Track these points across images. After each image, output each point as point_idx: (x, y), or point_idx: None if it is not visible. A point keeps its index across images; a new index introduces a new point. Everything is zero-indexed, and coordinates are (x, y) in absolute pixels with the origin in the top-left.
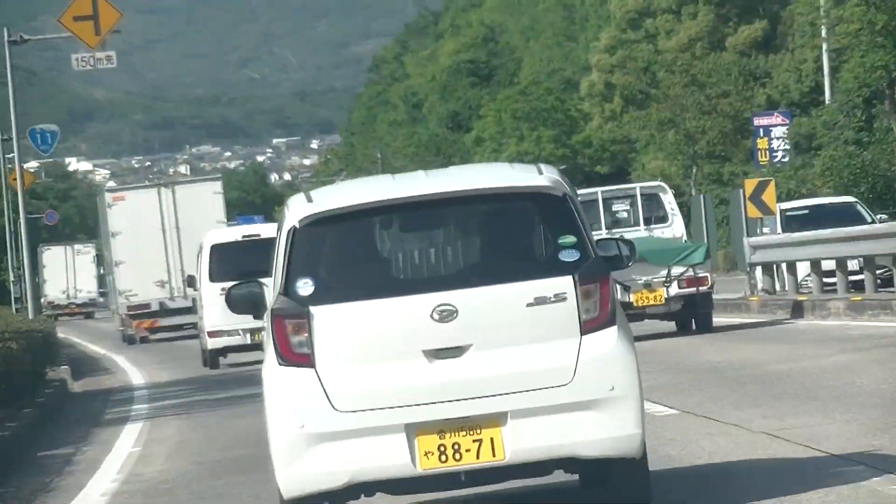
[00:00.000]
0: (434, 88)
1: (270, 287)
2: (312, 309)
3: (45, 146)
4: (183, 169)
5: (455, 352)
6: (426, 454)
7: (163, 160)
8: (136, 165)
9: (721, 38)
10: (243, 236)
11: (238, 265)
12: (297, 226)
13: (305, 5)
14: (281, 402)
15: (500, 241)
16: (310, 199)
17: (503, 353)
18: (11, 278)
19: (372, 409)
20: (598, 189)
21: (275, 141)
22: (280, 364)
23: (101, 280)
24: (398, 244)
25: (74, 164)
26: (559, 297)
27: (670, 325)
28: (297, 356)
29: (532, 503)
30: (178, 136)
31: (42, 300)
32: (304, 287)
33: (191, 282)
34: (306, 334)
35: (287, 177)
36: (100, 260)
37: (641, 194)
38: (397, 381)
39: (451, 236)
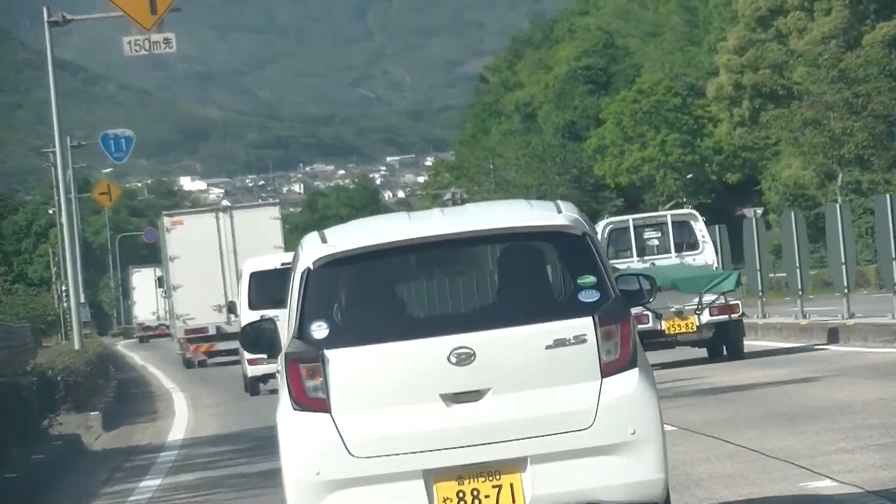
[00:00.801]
0: (549, 97)
1: (284, 323)
2: (327, 352)
3: (119, 153)
4: (297, 187)
5: (473, 395)
6: (445, 500)
7: (276, 179)
8: (250, 184)
9: (857, 36)
10: (282, 264)
11: (276, 293)
12: (312, 267)
13: (419, 24)
14: (296, 448)
15: (518, 282)
16: (324, 240)
17: (522, 396)
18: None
19: (389, 455)
20: (630, 217)
21: (388, 159)
22: (294, 409)
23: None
24: (414, 285)
25: (188, 183)
26: (579, 339)
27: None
28: (312, 401)
29: None
30: (292, 154)
31: (133, 322)
32: (319, 330)
33: (231, 308)
34: (321, 378)
35: (401, 194)
36: (160, 283)
37: (672, 222)
38: (414, 426)
39: (468, 277)
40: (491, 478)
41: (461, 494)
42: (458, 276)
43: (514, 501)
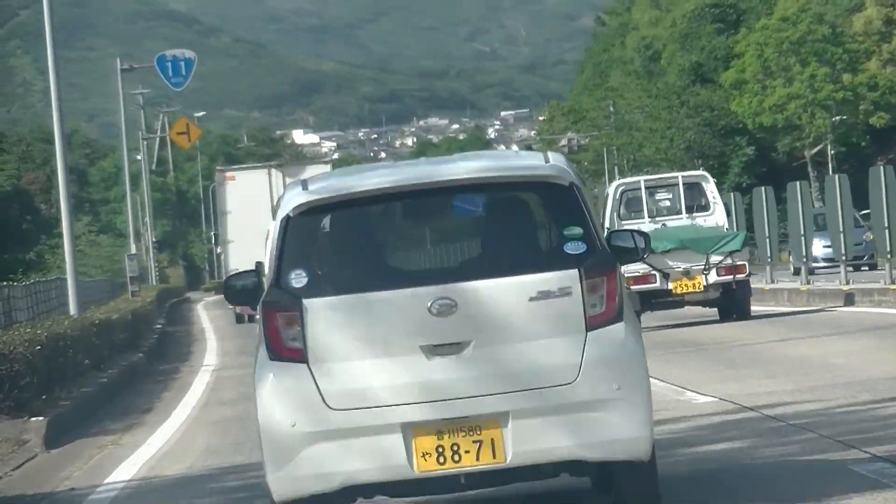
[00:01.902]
0: (673, 37)
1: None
2: (305, 301)
3: (179, 78)
4: (409, 141)
5: (454, 348)
6: (423, 455)
7: (389, 132)
8: (363, 138)
9: None
10: None
11: None
12: (291, 214)
13: None
14: (271, 400)
15: (503, 233)
16: (305, 187)
17: (504, 349)
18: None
19: (367, 408)
20: (641, 178)
21: (503, 113)
22: (271, 359)
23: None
24: (396, 234)
25: (300, 136)
26: (563, 292)
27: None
28: (289, 351)
29: None
30: (406, 108)
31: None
32: (297, 279)
33: (259, 269)
34: (298, 328)
35: (515, 148)
36: (216, 239)
37: (684, 183)
38: (393, 379)
39: (451, 226)
40: (471, 433)
41: (441, 449)
42: (442, 226)
43: (494, 457)
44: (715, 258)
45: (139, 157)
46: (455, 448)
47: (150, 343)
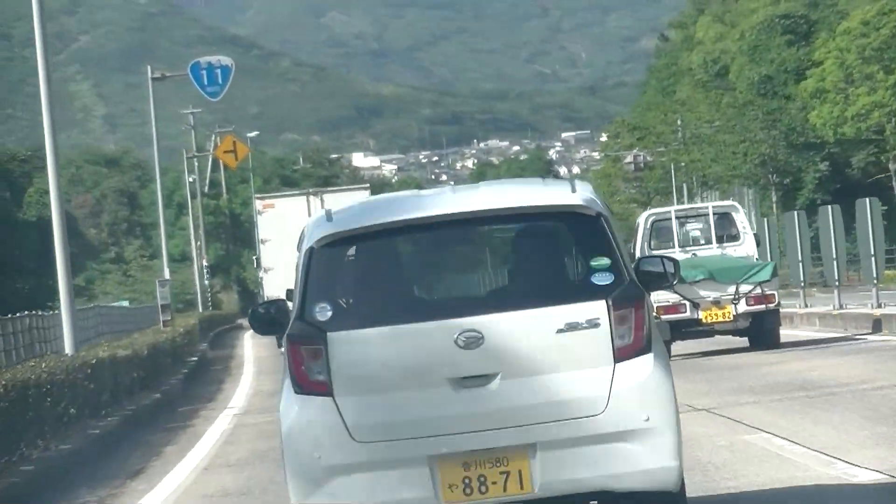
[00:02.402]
0: (742, 50)
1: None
2: (329, 334)
3: (215, 87)
4: (470, 163)
5: (481, 380)
6: (450, 487)
7: (450, 155)
8: (423, 161)
9: None
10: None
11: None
12: (315, 247)
13: (595, 0)
14: (296, 433)
15: (530, 264)
16: (329, 219)
17: (532, 381)
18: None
19: (392, 440)
20: (672, 208)
21: (563, 135)
22: (296, 392)
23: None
24: (422, 266)
25: (361, 159)
26: (591, 323)
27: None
28: (314, 384)
29: None
30: (466, 130)
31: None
32: (322, 312)
33: (288, 296)
34: (323, 361)
35: (576, 169)
36: (258, 263)
37: (714, 213)
38: (420, 411)
39: (478, 258)
40: (498, 464)
41: (467, 481)
42: (468, 257)
43: (521, 488)
44: (744, 288)
45: (191, 179)
46: (482, 479)
47: (176, 380)
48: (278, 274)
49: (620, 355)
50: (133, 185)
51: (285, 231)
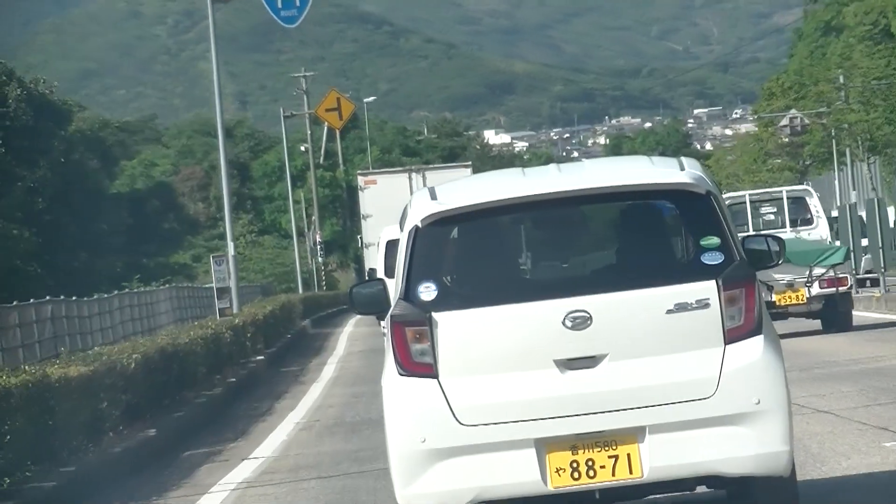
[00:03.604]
0: None
1: (393, 284)
2: (435, 315)
3: (290, 10)
4: (602, 140)
5: (589, 362)
6: (557, 471)
7: (581, 132)
8: (555, 137)
9: None
10: None
11: None
12: (420, 225)
13: None
14: (401, 416)
15: (638, 243)
16: (433, 197)
17: (641, 363)
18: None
19: (499, 423)
20: (746, 193)
21: (696, 111)
22: (400, 374)
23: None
24: (528, 245)
25: (493, 136)
26: (701, 304)
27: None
28: (419, 366)
29: None
30: (598, 107)
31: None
32: (427, 292)
33: (371, 276)
34: (428, 342)
35: (708, 146)
36: (361, 242)
37: (788, 198)
38: (526, 393)
39: (584, 237)
40: (607, 448)
41: (575, 465)
42: (574, 237)
43: (630, 472)
44: (818, 271)
45: (303, 149)
46: (590, 463)
47: (201, 402)
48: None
49: (731, 336)
50: (245, 155)
51: (387, 207)
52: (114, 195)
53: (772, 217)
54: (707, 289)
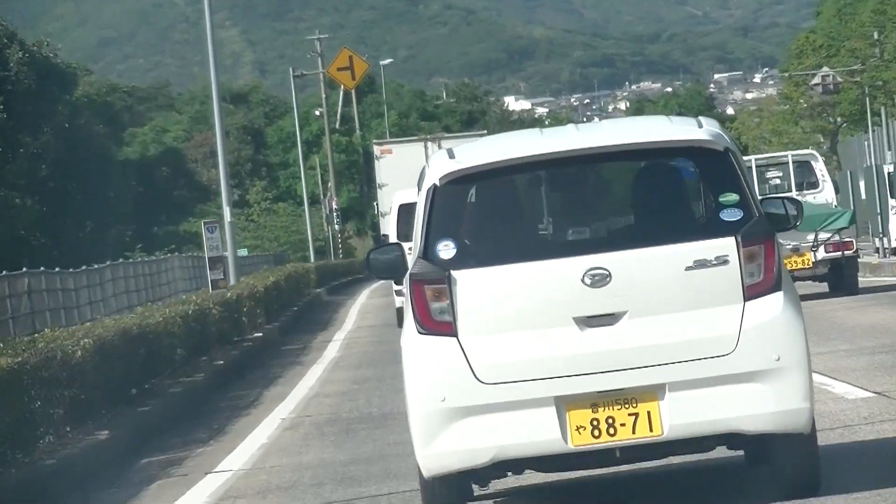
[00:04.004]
0: None
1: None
2: (454, 273)
3: None
4: (622, 105)
5: (608, 319)
6: (578, 429)
7: (602, 97)
8: (575, 103)
9: None
10: None
11: None
12: (438, 184)
13: None
14: (420, 374)
15: (657, 200)
16: (451, 156)
17: (660, 320)
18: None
19: (519, 381)
20: (752, 157)
21: (716, 76)
22: (419, 332)
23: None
24: (546, 203)
25: (512, 102)
26: (720, 260)
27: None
28: (438, 324)
29: (692, 481)
30: (618, 73)
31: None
32: (445, 250)
33: (383, 241)
34: (447, 301)
35: (730, 110)
36: (377, 209)
37: (793, 162)
38: (546, 351)
39: (603, 195)
40: (627, 405)
41: (595, 422)
42: (593, 194)
43: (651, 430)
44: (823, 235)
45: (317, 113)
46: (610, 421)
47: (176, 392)
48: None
49: (750, 293)
50: (259, 122)
51: (402, 176)
52: (122, 162)
53: (777, 181)
54: (726, 245)
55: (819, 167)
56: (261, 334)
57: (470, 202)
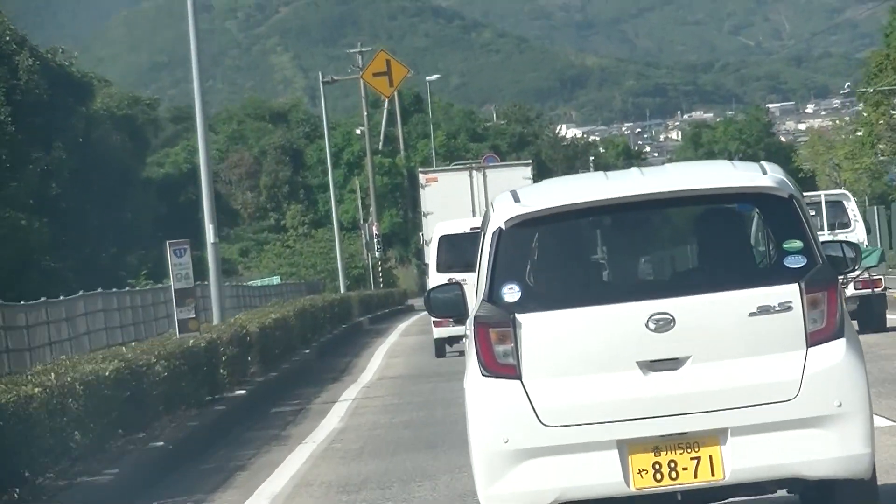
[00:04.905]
0: None
1: (469, 283)
2: (519, 317)
3: None
4: (674, 135)
5: (672, 364)
6: (640, 472)
7: (654, 126)
8: (626, 132)
9: None
10: (471, 228)
11: (465, 257)
12: (504, 227)
13: None
14: (484, 416)
15: (720, 246)
16: (517, 199)
17: (723, 365)
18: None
19: (582, 424)
20: None
21: (769, 106)
22: (484, 375)
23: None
24: (611, 248)
25: (564, 130)
26: (784, 307)
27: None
28: (502, 367)
29: None
30: (670, 102)
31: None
32: (510, 293)
33: (425, 270)
34: (512, 344)
35: (782, 139)
36: (423, 238)
37: (826, 202)
38: (609, 395)
39: (667, 240)
40: (689, 450)
41: (657, 466)
42: (657, 239)
43: (713, 475)
44: (853, 273)
45: (358, 132)
46: (672, 465)
47: None
48: None
49: (813, 340)
50: (300, 142)
51: (448, 205)
52: (143, 181)
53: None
54: (790, 292)
55: (851, 207)
56: (244, 392)
57: (535, 245)
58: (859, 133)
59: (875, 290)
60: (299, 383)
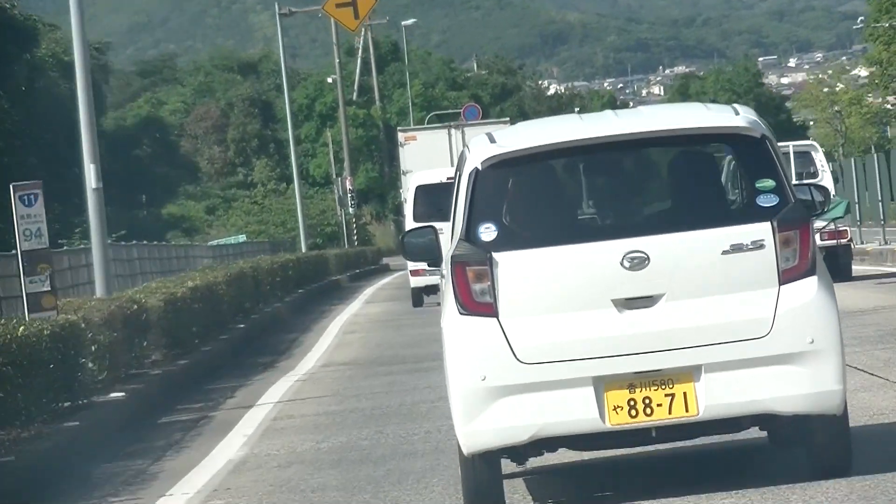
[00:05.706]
0: None
1: (445, 232)
2: (495, 255)
3: None
4: (656, 90)
5: (646, 301)
6: (615, 409)
7: (636, 82)
8: (609, 88)
9: None
10: (447, 178)
11: (441, 206)
12: (480, 168)
13: None
14: (462, 354)
15: (694, 186)
16: (493, 140)
17: (697, 303)
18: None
19: (558, 361)
20: None
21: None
22: (461, 313)
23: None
24: (586, 188)
25: (546, 85)
26: (756, 245)
27: None
28: (479, 305)
29: (722, 461)
30: (653, 57)
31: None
32: (487, 232)
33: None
34: (489, 282)
35: (773, 90)
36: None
37: (794, 152)
38: (585, 332)
39: (641, 180)
40: (663, 386)
41: (632, 402)
42: (632, 179)
43: (686, 410)
44: (819, 224)
45: (330, 80)
46: (647, 401)
47: None
48: None
49: (785, 277)
50: (270, 94)
51: (427, 163)
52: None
53: None
54: (762, 230)
55: (819, 157)
56: (122, 395)
57: (511, 186)
58: (864, 74)
59: (841, 241)
60: (217, 373)
